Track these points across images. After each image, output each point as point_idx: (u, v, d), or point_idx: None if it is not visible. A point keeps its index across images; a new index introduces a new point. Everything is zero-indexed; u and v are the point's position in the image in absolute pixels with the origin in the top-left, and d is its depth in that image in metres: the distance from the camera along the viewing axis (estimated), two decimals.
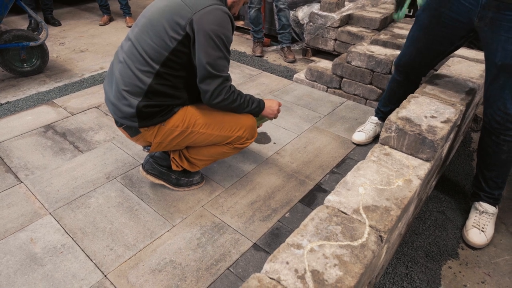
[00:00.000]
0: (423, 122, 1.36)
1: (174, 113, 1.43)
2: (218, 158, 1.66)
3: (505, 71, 1.34)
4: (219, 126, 1.49)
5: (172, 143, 1.49)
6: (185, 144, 1.53)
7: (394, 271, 1.37)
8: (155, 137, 1.45)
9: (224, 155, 1.63)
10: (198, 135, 1.48)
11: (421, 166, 1.28)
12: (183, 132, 1.45)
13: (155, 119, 1.40)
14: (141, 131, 1.43)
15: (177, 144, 1.50)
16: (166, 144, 1.49)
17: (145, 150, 1.67)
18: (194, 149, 1.59)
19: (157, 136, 1.44)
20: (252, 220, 1.57)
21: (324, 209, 1.09)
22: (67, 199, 1.66)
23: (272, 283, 0.86)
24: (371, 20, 3.13)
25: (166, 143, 1.48)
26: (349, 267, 0.90)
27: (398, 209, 1.09)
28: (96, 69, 3.11)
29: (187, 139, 1.48)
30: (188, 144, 1.53)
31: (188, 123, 1.45)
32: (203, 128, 1.47)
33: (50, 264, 1.36)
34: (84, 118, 2.31)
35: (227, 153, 1.61)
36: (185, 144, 1.52)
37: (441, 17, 1.47)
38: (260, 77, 2.95)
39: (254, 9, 3.12)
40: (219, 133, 1.50)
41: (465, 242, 1.52)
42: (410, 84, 1.81)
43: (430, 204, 1.69)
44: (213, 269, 1.35)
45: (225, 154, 1.62)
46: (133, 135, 1.47)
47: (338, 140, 2.13)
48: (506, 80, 1.35)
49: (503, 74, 1.35)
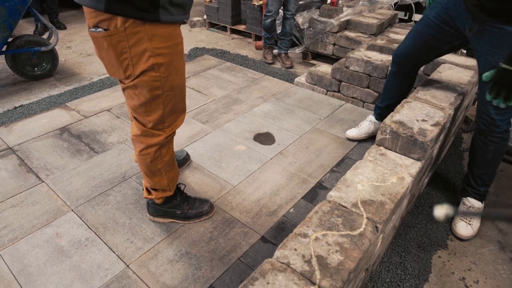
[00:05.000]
0: (415, 125, 1.50)
1: (160, 22, 1.13)
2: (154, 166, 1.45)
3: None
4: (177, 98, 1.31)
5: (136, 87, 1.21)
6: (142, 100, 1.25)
7: (389, 260, 1.52)
8: (124, 55, 1.14)
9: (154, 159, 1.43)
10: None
11: (413, 165, 1.42)
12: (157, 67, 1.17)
13: (131, 5, 1.06)
14: (110, 27, 1.10)
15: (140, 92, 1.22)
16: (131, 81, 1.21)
17: None
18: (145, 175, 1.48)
19: (129, 49, 1.13)
20: (259, 215, 1.71)
21: (326, 203, 1.23)
22: (87, 197, 1.79)
23: (283, 267, 1.00)
24: (368, 26, 3.27)
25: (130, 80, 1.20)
26: (349, 253, 1.04)
27: (391, 203, 1.23)
28: (104, 72, 3.23)
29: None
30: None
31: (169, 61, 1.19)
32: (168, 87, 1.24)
33: (77, 256, 1.49)
34: (97, 120, 2.44)
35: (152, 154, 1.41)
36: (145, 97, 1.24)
37: (445, 18, 1.60)
38: (262, 81, 3.08)
39: (271, 18, 3.24)
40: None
41: (453, 234, 1.67)
42: (404, 77, 1.93)
43: (423, 200, 1.84)
44: (225, 259, 1.49)
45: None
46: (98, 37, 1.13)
47: (337, 141, 2.27)
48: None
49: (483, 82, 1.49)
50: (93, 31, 1.14)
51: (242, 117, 2.51)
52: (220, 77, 3.13)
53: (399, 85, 1.96)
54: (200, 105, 2.65)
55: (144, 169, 1.46)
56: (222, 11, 4.19)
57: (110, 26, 1.10)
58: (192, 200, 1.67)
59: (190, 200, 1.66)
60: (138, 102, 1.27)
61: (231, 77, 3.13)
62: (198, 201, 1.67)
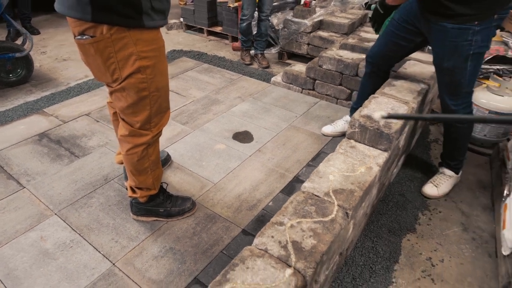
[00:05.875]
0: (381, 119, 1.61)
1: (144, 28, 1.19)
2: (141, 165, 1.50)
3: (436, 69, 1.69)
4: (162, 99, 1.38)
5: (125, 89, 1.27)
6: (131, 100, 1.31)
7: (362, 245, 1.62)
8: (111, 60, 1.19)
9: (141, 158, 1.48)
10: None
11: (380, 156, 1.53)
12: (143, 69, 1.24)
13: (116, 13, 1.11)
14: (96, 34, 1.15)
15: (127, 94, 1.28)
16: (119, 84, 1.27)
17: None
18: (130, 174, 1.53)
19: (116, 54, 1.18)
20: (240, 209, 1.78)
21: (301, 194, 1.32)
22: (70, 200, 1.82)
23: (261, 252, 1.08)
24: (340, 26, 3.40)
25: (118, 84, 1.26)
26: (321, 237, 1.13)
27: (360, 191, 1.33)
28: (81, 77, 3.23)
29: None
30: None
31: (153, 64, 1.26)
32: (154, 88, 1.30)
33: (62, 258, 1.52)
34: (76, 125, 2.45)
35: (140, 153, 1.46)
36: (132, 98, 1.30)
37: (406, 18, 1.74)
38: (240, 81, 3.16)
39: (246, 22, 3.31)
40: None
41: (422, 194, 1.94)
42: (377, 77, 2.06)
43: (393, 188, 1.96)
44: (208, 252, 1.56)
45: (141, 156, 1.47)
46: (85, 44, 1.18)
47: (313, 137, 2.37)
48: (438, 77, 1.70)
49: (436, 72, 1.70)
50: (79, 38, 1.19)
51: (221, 117, 2.57)
52: (198, 78, 3.19)
53: (373, 84, 2.07)
54: (180, 107, 2.70)
55: (130, 168, 1.51)
56: (198, 13, 4.24)
57: (96, 33, 1.16)
58: (175, 198, 1.72)
59: (173, 198, 1.72)
60: (126, 103, 1.33)
61: (209, 78, 3.19)
62: (180, 199, 1.73)
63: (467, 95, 1.63)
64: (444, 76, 1.63)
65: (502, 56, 2.55)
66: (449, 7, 1.45)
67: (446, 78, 1.62)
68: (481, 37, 1.44)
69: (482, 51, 1.49)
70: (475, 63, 1.51)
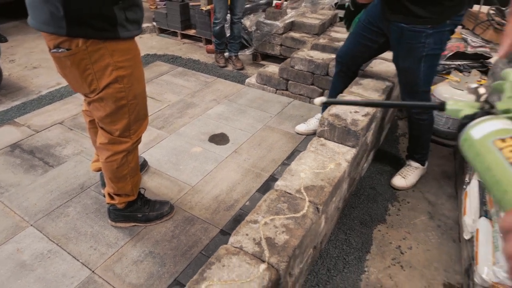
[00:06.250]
0: (348, 116, 1.70)
1: (119, 39, 1.21)
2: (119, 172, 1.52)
3: (396, 68, 1.80)
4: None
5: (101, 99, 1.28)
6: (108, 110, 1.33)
7: (336, 238, 1.70)
8: (88, 71, 1.21)
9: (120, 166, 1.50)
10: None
11: (348, 152, 1.61)
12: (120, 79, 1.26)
13: (91, 27, 1.13)
14: (72, 47, 1.16)
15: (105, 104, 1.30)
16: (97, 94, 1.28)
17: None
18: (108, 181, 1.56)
19: (92, 65, 1.20)
20: (217, 210, 1.82)
21: (274, 192, 1.38)
22: (46, 211, 1.81)
23: (236, 250, 1.13)
24: (311, 26, 3.49)
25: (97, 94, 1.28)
26: (293, 232, 1.19)
27: (330, 187, 1.40)
28: (52, 85, 3.17)
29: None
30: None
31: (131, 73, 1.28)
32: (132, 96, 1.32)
33: (41, 268, 1.52)
34: (49, 134, 2.42)
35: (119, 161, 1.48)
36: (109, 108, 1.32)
37: (371, 19, 1.82)
38: (215, 84, 3.19)
39: (219, 25, 3.34)
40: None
41: (391, 186, 2.04)
42: (347, 76, 2.13)
43: (364, 182, 2.05)
44: (187, 254, 1.59)
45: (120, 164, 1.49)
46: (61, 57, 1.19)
47: (287, 136, 2.44)
48: (398, 75, 1.82)
49: (396, 71, 1.82)
50: (55, 51, 1.19)
51: (196, 120, 2.60)
52: (173, 82, 3.20)
53: (343, 83, 2.15)
54: (155, 112, 2.71)
55: (109, 175, 1.52)
56: (171, 17, 4.24)
57: (71, 46, 1.17)
58: (153, 203, 1.75)
59: (151, 203, 1.74)
60: (104, 113, 1.35)
61: (184, 82, 3.21)
62: (158, 203, 1.75)
63: (424, 94, 1.73)
64: (401, 75, 1.74)
65: (462, 52, 2.70)
66: (408, 8, 1.54)
67: (403, 77, 1.73)
68: (434, 40, 1.54)
69: (435, 53, 1.59)
70: (429, 64, 1.62)
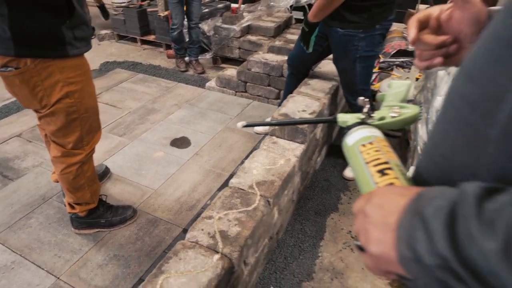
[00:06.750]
0: (296, 115, 1.84)
1: (68, 56, 1.25)
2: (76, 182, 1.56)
3: (336, 69, 1.96)
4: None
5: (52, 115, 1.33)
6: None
7: (292, 228, 1.83)
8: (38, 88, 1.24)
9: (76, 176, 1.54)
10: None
11: (298, 148, 1.75)
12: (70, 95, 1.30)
13: (39, 47, 1.17)
14: (20, 65, 1.18)
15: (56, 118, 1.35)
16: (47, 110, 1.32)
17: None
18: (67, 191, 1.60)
19: (42, 82, 1.23)
20: (180, 211, 1.91)
21: (228, 189, 1.48)
22: (7, 224, 1.81)
23: (192, 244, 1.22)
24: (267, 29, 3.63)
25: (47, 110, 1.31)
26: (245, 224, 1.31)
27: (280, 181, 1.53)
28: (8, 97, 3.10)
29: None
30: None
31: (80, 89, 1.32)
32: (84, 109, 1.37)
33: (4, 280, 1.54)
34: (7, 148, 2.40)
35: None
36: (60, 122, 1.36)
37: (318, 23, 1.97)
38: (176, 89, 3.25)
39: (177, 31, 3.40)
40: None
41: (343, 177, 2.18)
42: (297, 78, 2.27)
43: (318, 175, 2.21)
44: (151, 254, 1.66)
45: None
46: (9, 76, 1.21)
47: (246, 136, 2.56)
48: (339, 75, 1.96)
49: (337, 71, 1.97)
50: (3, 71, 1.22)
51: (158, 125, 2.66)
52: (133, 89, 3.23)
53: (295, 84, 2.29)
54: (116, 119, 2.74)
55: (66, 186, 1.57)
56: (130, 23, 4.24)
57: (19, 64, 1.20)
58: (115, 208, 1.80)
59: (113, 208, 1.79)
60: (56, 127, 1.39)
61: (145, 88, 3.25)
62: (121, 208, 1.81)
63: (363, 92, 1.89)
64: (341, 75, 1.90)
65: (404, 50, 2.93)
66: (343, 15, 1.70)
67: (343, 77, 1.89)
68: (366, 43, 1.71)
69: (368, 55, 1.76)
70: (363, 65, 1.78)
